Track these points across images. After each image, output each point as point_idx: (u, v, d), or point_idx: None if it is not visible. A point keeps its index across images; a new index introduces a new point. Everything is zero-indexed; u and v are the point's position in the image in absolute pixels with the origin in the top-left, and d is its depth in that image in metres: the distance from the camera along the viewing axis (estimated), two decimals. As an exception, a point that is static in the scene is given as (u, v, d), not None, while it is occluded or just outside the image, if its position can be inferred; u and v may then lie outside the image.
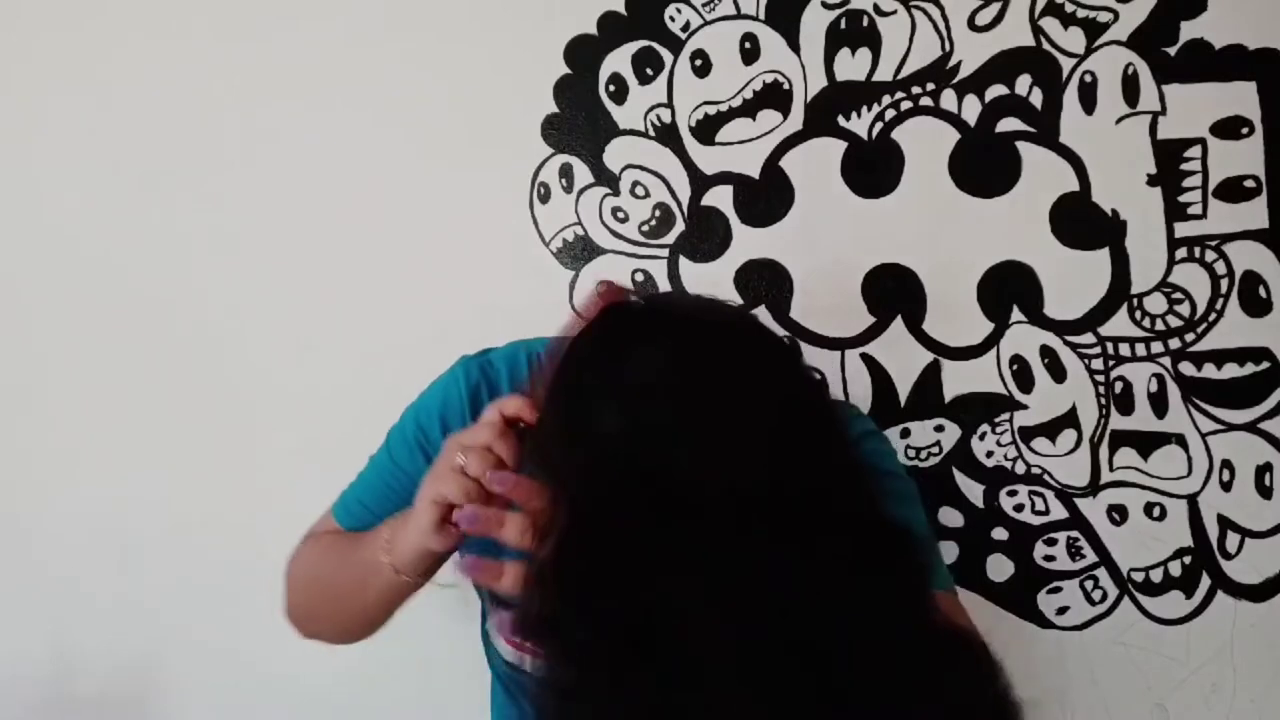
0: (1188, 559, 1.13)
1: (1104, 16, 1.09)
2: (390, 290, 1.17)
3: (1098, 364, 1.12)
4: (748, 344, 0.62)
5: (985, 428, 1.13)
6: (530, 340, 0.80)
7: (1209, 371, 1.10)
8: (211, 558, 1.20)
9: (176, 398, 1.21)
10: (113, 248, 1.20)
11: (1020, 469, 1.13)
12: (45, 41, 1.19)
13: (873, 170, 1.12)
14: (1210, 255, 1.09)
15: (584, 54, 1.14)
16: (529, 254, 1.16)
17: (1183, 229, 1.09)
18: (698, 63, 1.13)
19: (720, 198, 1.14)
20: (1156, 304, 1.10)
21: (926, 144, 1.11)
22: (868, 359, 1.14)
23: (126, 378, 1.21)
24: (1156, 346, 1.11)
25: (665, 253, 1.15)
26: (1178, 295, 1.10)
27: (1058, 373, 1.12)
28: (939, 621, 0.53)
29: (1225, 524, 1.12)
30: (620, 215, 1.15)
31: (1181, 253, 1.10)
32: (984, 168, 1.11)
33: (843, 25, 1.11)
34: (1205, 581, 1.12)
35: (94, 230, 1.20)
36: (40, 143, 1.20)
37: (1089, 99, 1.09)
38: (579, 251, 1.16)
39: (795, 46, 1.12)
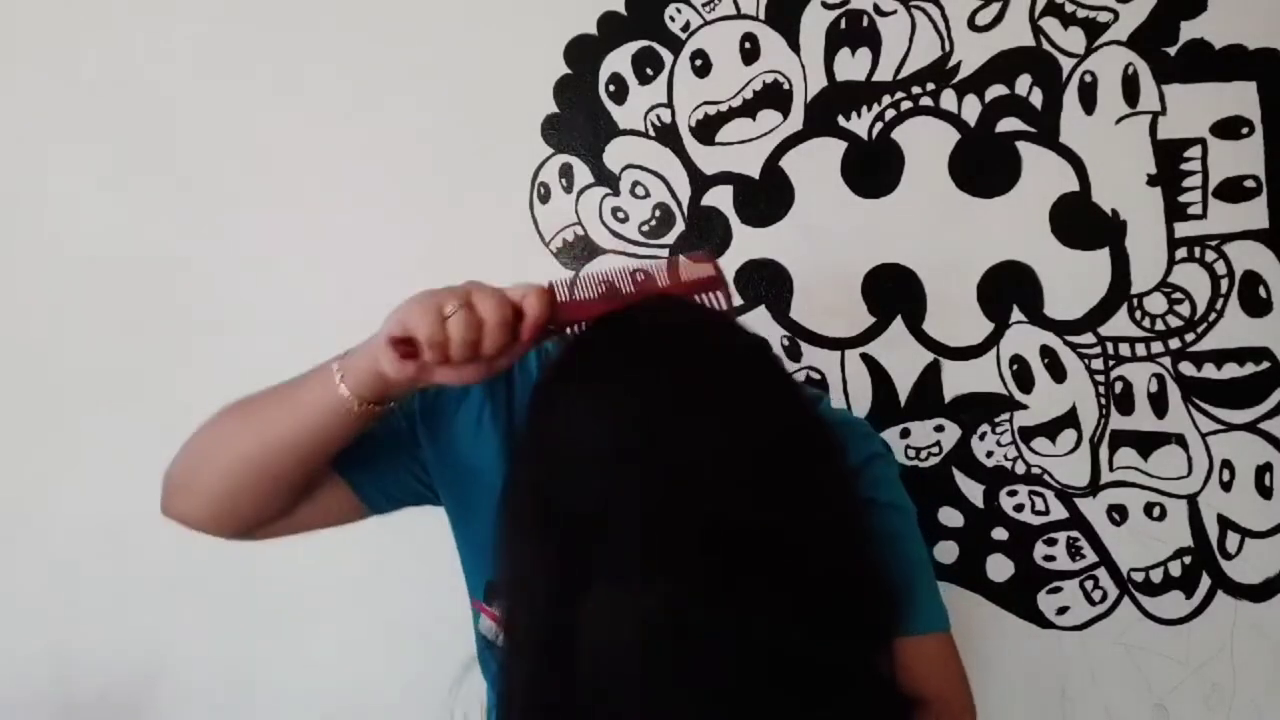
0: (1188, 559, 1.12)
1: (1104, 16, 1.09)
2: (390, 290, 1.17)
3: (1098, 364, 1.12)
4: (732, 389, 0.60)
5: (985, 428, 1.13)
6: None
7: (1209, 371, 1.10)
8: (211, 559, 1.20)
9: (176, 397, 1.20)
10: (112, 247, 1.20)
11: (1020, 469, 1.13)
12: (46, 39, 1.19)
13: (873, 170, 1.12)
14: (1210, 255, 1.09)
15: (584, 54, 1.14)
16: (529, 254, 1.15)
17: (1183, 229, 1.09)
18: (698, 63, 1.13)
19: (720, 198, 1.14)
20: (1156, 304, 1.10)
21: (926, 144, 1.11)
22: (868, 359, 1.14)
23: (127, 377, 1.20)
24: (1156, 346, 1.11)
25: (665, 253, 1.15)
26: (1178, 295, 1.10)
27: (1058, 373, 1.12)
28: None
29: (1225, 524, 1.12)
30: (620, 215, 1.15)
31: (1181, 253, 1.10)
32: (984, 168, 1.11)
33: (843, 25, 1.11)
34: (1205, 581, 1.12)
35: (94, 230, 1.20)
36: (41, 143, 1.20)
37: (1089, 99, 1.09)
38: (579, 251, 1.16)
39: (795, 46, 1.12)
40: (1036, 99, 1.10)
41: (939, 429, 1.14)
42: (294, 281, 1.18)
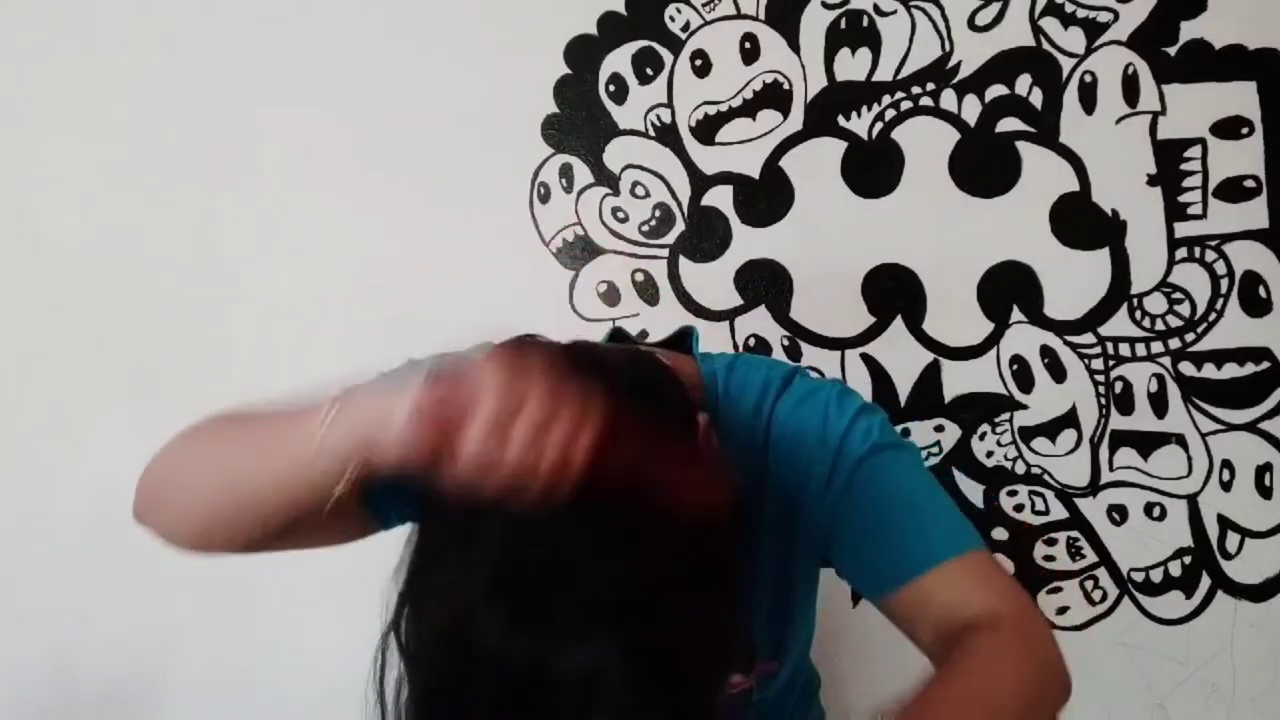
0: (1188, 559, 1.12)
1: (1104, 16, 1.09)
2: (391, 290, 1.17)
3: (1098, 364, 1.12)
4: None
5: (985, 428, 1.13)
6: None
7: (1209, 371, 1.10)
8: (212, 559, 1.20)
9: (177, 397, 1.20)
10: (114, 246, 1.20)
11: (1020, 469, 1.13)
12: (47, 45, 1.19)
13: (873, 170, 1.12)
14: (1210, 255, 1.09)
15: (584, 54, 1.14)
16: (529, 254, 1.16)
17: (1183, 229, 1.09)
18: (698, 63, 1.13)
19: (720, 198, 1.14)
20: (1156, 304, 1.10)
21: (926, 144, 1.11)
22: (868, 359, 1.14)
23: (128, 376, 1.20)
24: (1156, 346, 1.11)
25: (665, 253, 1.15)
26: (1178, 295, 1.10)
27: (1058, 373, 1.12)
28: None
29: (1225, 524, 1.12)
30: (620, 215, 1.15)
31: (1181, 253, 1.10)
32: (984, 168, 1.11)
33: (843, 25, 1.11)
34: (1205, 581, 1.12)
35: (94, 229, 1.20)
36: (41, 141, 1.20)
37: (1089, 99, 1.09)
38: (579, 251, 1.16)
39: (795, 46, 1.12)
40: (1036, 99, 1.10)
41: (939, 429, 1.14)
42: (296, 281, 1.18)
